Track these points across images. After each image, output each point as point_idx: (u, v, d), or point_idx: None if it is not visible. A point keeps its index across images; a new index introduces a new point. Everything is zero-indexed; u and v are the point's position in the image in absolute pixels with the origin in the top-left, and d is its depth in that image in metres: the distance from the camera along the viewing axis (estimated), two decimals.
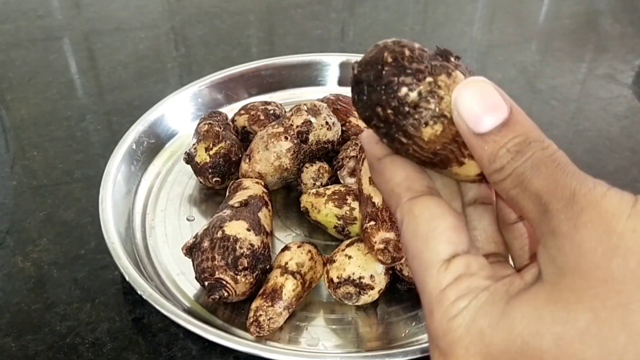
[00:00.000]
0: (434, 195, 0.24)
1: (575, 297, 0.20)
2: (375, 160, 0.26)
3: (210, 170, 0.54)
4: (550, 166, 0.21)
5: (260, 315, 0.42)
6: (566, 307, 0.20)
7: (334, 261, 0.45)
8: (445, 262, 0.22)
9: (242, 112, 0.60)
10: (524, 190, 0.22)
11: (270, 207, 0.51)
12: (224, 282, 0.43)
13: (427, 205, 0.24)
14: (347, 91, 0.65)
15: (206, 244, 0.44)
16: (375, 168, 0.26)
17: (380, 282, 0.44)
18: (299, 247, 0.46)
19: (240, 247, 0.44)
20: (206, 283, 0.43)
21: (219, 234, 0.44)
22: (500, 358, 0.21)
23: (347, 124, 0.58)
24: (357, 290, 0.44)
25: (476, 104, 0.23)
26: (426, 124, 0.23)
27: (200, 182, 0.56)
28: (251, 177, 0.53)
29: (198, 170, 0.55)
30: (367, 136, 0.27)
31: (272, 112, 0.60)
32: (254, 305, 0.43)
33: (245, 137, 0.59)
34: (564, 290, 0.20)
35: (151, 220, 0.54)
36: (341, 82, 0.71)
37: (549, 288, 0.21)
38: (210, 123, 0.56)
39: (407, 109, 0.23)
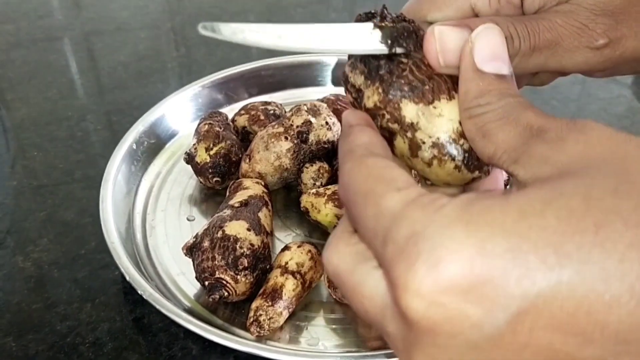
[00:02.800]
0: (388, 159, 0.24)
1: (587, 174, 0.20)
2: (348, 126, 0.26)
3: (210, 170, 0.54)
4: (535, 112, 0.23)
5: (261, 315, 0.42)
6: (580, 180, 0.19)
7: None
8: (401, 189, 0.21)
9: (242, 112, 0.61)
10: (512, 121, 0.23)
11: (270, 207, 0.51)
12: (224, 282, 0.43)
13: (378, 160, 0.23)
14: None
15: (206, 243, 0.44)
16: (344, 132, 0.26)
17: None
18: (299, 247, 0.46)
19: (241, 247, 0.44)
20: (206, 283, 0.43)
21: (219, 233, 0.44)
22: (492, 249, 0.18)
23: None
24: None
25: (492, 48, 0.25)
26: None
27: (201, 182, 0.56)
28: (251, 177, 0.53)
29: (198, 170, 0.55)
30: (349, 111, 0.28)
31: (272, 112, 0.60)
32: (254, 305, 0.43)
33: (245, 137, 0.59)
34: (566, 175, 0.20)
35: (151, 220, 0.54)
36: (341, 82, 0.70)
37: (546, 181, 0.20)
38: (210, 123, 0.56)
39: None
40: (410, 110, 0.25)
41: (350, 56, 0.28)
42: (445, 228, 0.19)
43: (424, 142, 0.25)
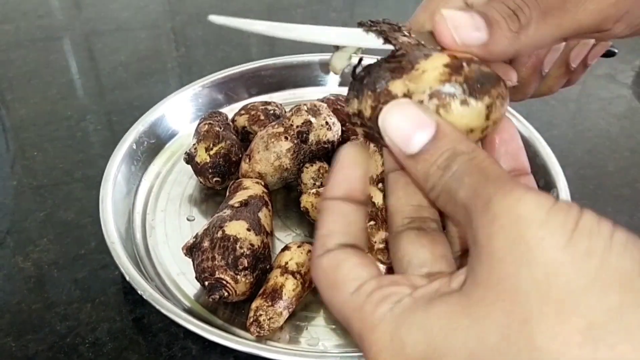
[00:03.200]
0: (344, 249, 0.24)
1: (486, 311, 0.19)
2: (323, 197, 0.26)
3: (210, 170, 0.54)
4: (474, 175, 0.21)
5: (261, 315, 0.42)
6: (477, 322, 0.19)
7: None
8: (353, 293, 0.22)
9: (242, 112, 0.60)
10: (454, 204, 0.22)
11: (270, 207, 0.51)
12: (224, 282, 0.43)
13: (334, 256, 0.24)
14: (346, 91, 0.65)
15: (206, 243, 0.44)
16: (320, 204, 0.27)
17: None
18: (299, 247, 0.46)
19: (241, 247, 0.44)
20: (206, 283, 0.43)
21: (219, 233, 0.44)
22: None
23: (347, 124, 0.58)
24: None
25: (402, 125, 0.23)
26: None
27: (201, 182, 0.56)
28: (251, 177, 0.53)
29: (198, 170, 0.55)
30: (347, 153, 0.27)
31: (272, 112, 0.60)
32: (254, 305, 0.43)
33: (245, 137, 0.59)
34: (478, 303, 0.19)
35: (151, 220, 0.54)
36: (341, 83, 0.71)
37: (464, 300, 0.20)
38: (210, 123, 0.56)
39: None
40: (398, 86, 0.25)
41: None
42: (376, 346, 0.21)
43: (422, 101, 0.24)
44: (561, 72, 0.37)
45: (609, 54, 0.43)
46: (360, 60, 0.27)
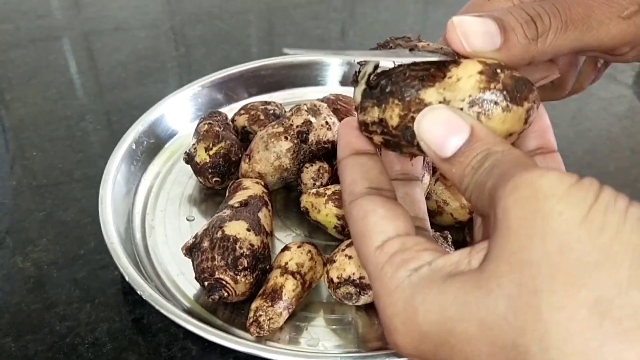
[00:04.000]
0: (371, 195, 0.25)
1: (497, 282, 0.19)
2: (338, 161, 0.28)
3: (210, 170, 0.54)
4: (503, 165, 0.22)
5: (260, 315, 0.42)
6: (489, 293, 0.20)
7: (334, 261, 0.45)
8: (379, 247, 0.23)
9: (242, 112, 0.60)
10: (482, 196, 0.22)
11: (270, 207, 0.51)
12: (224, 282, 0.43)
13: (361, 205, 0.25)
14: (347, 91, 0.65)
15: (206, 244, 0.44)
16: (338, 170, 0.28)
17: None
18: (299, 247, 0.46)
19: (240, 247, 0.43)
20: (206, 283, 0.43)
21: (219, 234, 0.44)
22: (432, 338, 0.21)
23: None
24: (357, 290, 0.44)
25: (437, 130, 0.24)
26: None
27: (200, 182, 0.56)
28: (251, 177, 0.53)
29: (198, 170, 0.55)
30: (342, 126, 0.28)
31: (272, 112, 0.60)
32: (253, 306, 0.43)
33: (245, 137, 0.59)
34: (490, 276, 0.20)
35: (151, 220, 0.54)
36: (341, 82, 0.70)
37: (478, 274, 0.20)
38: (210, 123, 0.56)
39: None
40: (431, 95, 0.25)
41: (355, 108, 0.28)
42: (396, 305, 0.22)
43: (462, 109, 0.25)
44: (590, 69, 0.37)
45: None
46: (376, 66, 0.27)
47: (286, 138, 0.53)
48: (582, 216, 0.19)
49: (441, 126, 0.24)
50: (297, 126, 0.53)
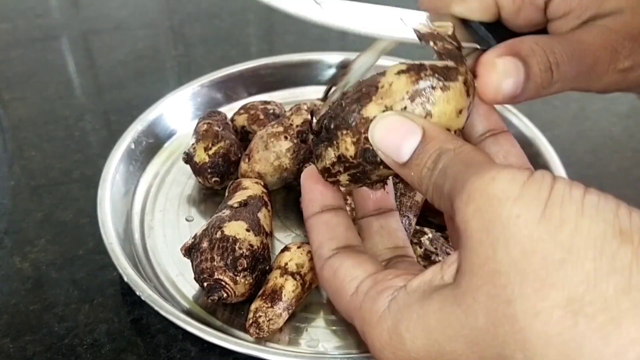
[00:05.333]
0: (338, 255, 0.26)
1: (473, 297, 0.19)
2: (305, 219, 0.28)
3: (209, 170, 0.54)
4: (456, 166, 0.22)
5: (260, 316, 0.42)
6: (468, 308, 0.19)
7: None
8: (353, 294, 0.24)
9: (242, 111, 0.60)
10: (442, 199, 0.22)
11: (269, 207, 0.50)
12: (223, 283, 0.42)
13: (330, 265, 0.25)
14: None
15: (205, 244, 0.44)
16: (306, 228, 0.28)
17: None
18: (298, 247, 0.46)
19: (240, 248, 0.43)
20: (205, 284, 0.43)
21: (218, 234, 0.44)
22: None
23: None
24: None
25: (391, 136, 0.24)
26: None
27: (200, 182, 0.55)
28: (250, 177, 0.53)
29: (197, 170, 0.54)
30: (305, 179, 0.29)
31: (271, 111, 0.60)
32: (253, 307, 0.43)
33: (244, 137, 0.59)
34: (466, 292, 0.20)
35: (150, 221, 0.53)
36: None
37: (455, 289, 0.20)
38: (209, 122, 0.56)
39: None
40: (373, 109, 0.25)
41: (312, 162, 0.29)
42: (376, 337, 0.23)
43: (405, 107, 0.25)
44: None
45: None
46: (312, 116, 0.27)
47: (286, 138, 0.52)
48: (539, 214, 0.18)
49: (393, 131, 0.24)
50: (297, 126, 0.53)
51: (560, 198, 0.18)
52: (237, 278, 0.43)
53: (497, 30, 0.33)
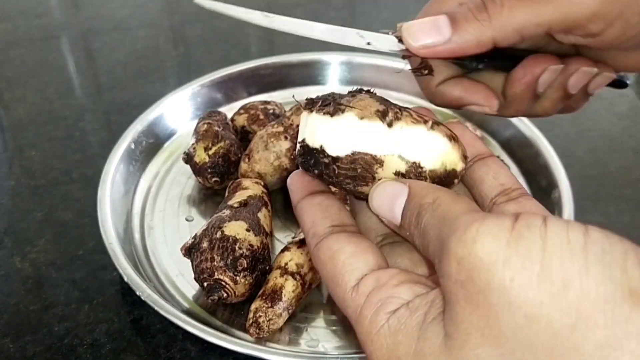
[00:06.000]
0: (334, 233, 0.25)
1: (474, 354, 0.19)
2: (294, 207, 0.28)
3: (209, 170, 0.54)
4: (435, 225, 0.22)
5: (260, 316, 0.42)
6: None
7: None
8: (354, 288, 0.23)
9: (242, 111, 0.60)
10: (434, 258, 0.22)
11: (269, 207, 0.50)
12: (223, 283, 0.42)
13: (327, 246, 0.25)
14: (347, 90, 0.64)
15: (205, 244, 0.44)
16: (296, 215, 0.28)
17: None
18: (298, 247, 0.46)
19: (240, 248, 0.43)
20: (205, 284, 0.43)
21: (218, 234, 0.44)
22: None
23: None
24: None
25: (384, 201, 0.24)
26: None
27: (199, 182, 0.55)
28: (250, 177, 0.53)
29: (197, 170, 0.54)
30: (292, 176, 0.29)
31: (271, 111, 0.59)
32: (253, 307, 0.43)
33: (244, 137, 0.59)
34: (463, 346, 0.19)
35: (150, 221, 0.53)
36: (342, 81, 0.70)
37: (450, 342, 0.20)
38: (209, 122, 0.56)
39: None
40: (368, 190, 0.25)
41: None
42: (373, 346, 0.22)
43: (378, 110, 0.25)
44: (558, 96, 0.36)
45: (619, 85, 0.40)
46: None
47: (286, 138, 0.52)
48: (536, 276, 0.17)
49: (386, 196, 0.24)
50: (297, 125, 0.53)
51: (558, 253, 0.17)
52: (237, 278, 0.43)
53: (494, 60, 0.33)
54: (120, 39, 0.84)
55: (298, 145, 0.27)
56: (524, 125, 0.59)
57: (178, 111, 0.63)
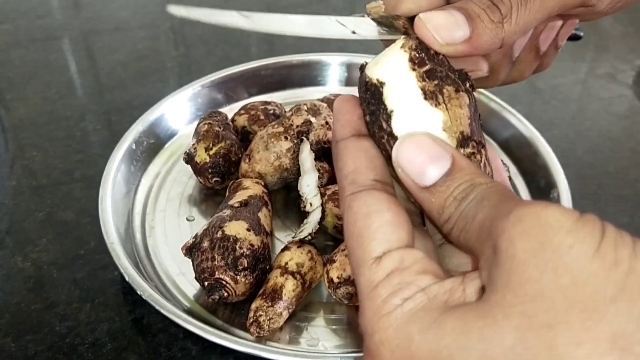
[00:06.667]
0: (377, 190, 0.23)
1: (504, 313, 0.19)
2: (335, 141, 0.25)
3: (210, 170, 0.54)
4: (494, 197, 0.21)
5: (260, 315, 0.42)
6: (494, 323, 0.19)
7: (334, 261, 0.45)
8: (377, 259, 0.22)
9: (242, 111, 0.60)
10: (469, 230, 0.21)
11: (270, 207, 0.51)
12: (224, 282, 0.43)
13: (365, 200, 0.23)
14: (347, 91, 0.65)
15: (206, 244, 0.44)
16: (334, 150, 0.26)
17: None
18: (299, 247, 0.46)
19: (240, 247, 0.43)
20: (206, 283, 0.43)
21: (219, 234, 0.44)
22: None
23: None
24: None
25: (417, 157, 0.23)
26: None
27: (200, 182, 0.56)
28: (251, 177, 0.53)
29: (198, 170, 0.54)
30: (343, 102, 0.26)
31: (272, 112, 0.60)
32: (253, 306, 0.43)
33: (245, 137, 0.59)
34: (494, 306, 0.19)
35: (151, 221, 0.53)
36: (342, 82, 0.70)
37: (480, 304, 0.19)
38: (210, 123, 0.56)
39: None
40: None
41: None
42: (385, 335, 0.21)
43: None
44: (532, 57, 0.37)
45: (574, 37, 0.42)
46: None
47: (286, 138, 0.53)
48: (593, 250, 0.18)
49: (422, 153, 0.23)
50: (297, 126, 0.53)
51: (613, 241, 0.18)
52: (238, 277, 0.43)
53: None
54: (121, 40, 0.84)
55: (376, 76, 0.24)
56: (523, 125, 0.59)
57: (179, 111, 0.63)
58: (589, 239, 0.18)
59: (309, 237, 0.46)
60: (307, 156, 0.50)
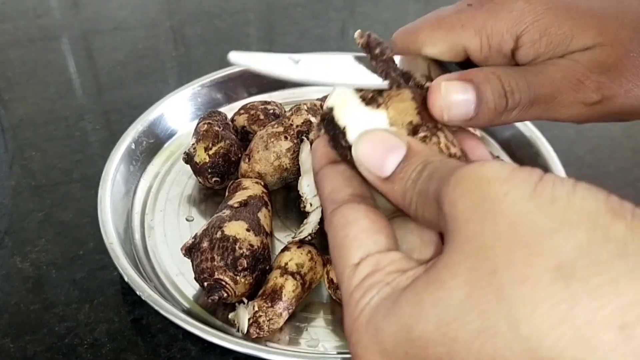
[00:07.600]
0: (354, 202, 0.24)
1: (450, 273, 0.19)
2: (315, 173, 0.27)
3: (209, 170, 0.54)
4: (443, 169, 0.22)
5: (260, 316, 0.42)
6: (442, 285, 0.19)
7: None
8: (355, 266, 0.23)
9: (242, 111, 0.60)
10: (427, 204, 0.22)
11: (270, 207, 0.50)
12: (224, 283, 0.43)
13: (343, 213, 0.24)
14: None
15: (205, 244, 0.44)
16: (315, 181, 0.27)
17: None
18: (298, 247, 0.46)
19: (240, 248, 0.43)
20: (205, 284, 0.43)
21: (219, 234, 0.44)
22: (394, 352, 0.20)
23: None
24: None
25: (374, 150, 0.24)
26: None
27: (200, 182, 0.55)
28: (251, 177, 0.53)
29: (197, 170, 0.54)
30: (318, 140, 0.28)
31: (271, 111, 0.60)
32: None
33: (244, 137, 0.59)
34: (441, 269, 0.19)
35: (150, 221, 0.53)
36: None
37: (429, 270, 0.20)
38: (209, 123, 0.56)
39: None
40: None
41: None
42: (360, 329, 0.22)
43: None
44: None
45: None
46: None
47: (286, 138, 0.52)
48: (529, 193, 0.19)
49: (378, 146, 0.24)
50: (297, 126, 0.53)
51: (551, 182, 0.19)
52: (238, 278, 0.43)
53: (470, 67, 0.33)
54: (121, 39, 0.84)
55: (325, 107, 0.26)
56: (524, 125, 0.59)
57: (178, 111, 0.63)
58: (525, 183, 0.19)
59: (309, 237, 0.46)
60: (307, 156, 0.50)
